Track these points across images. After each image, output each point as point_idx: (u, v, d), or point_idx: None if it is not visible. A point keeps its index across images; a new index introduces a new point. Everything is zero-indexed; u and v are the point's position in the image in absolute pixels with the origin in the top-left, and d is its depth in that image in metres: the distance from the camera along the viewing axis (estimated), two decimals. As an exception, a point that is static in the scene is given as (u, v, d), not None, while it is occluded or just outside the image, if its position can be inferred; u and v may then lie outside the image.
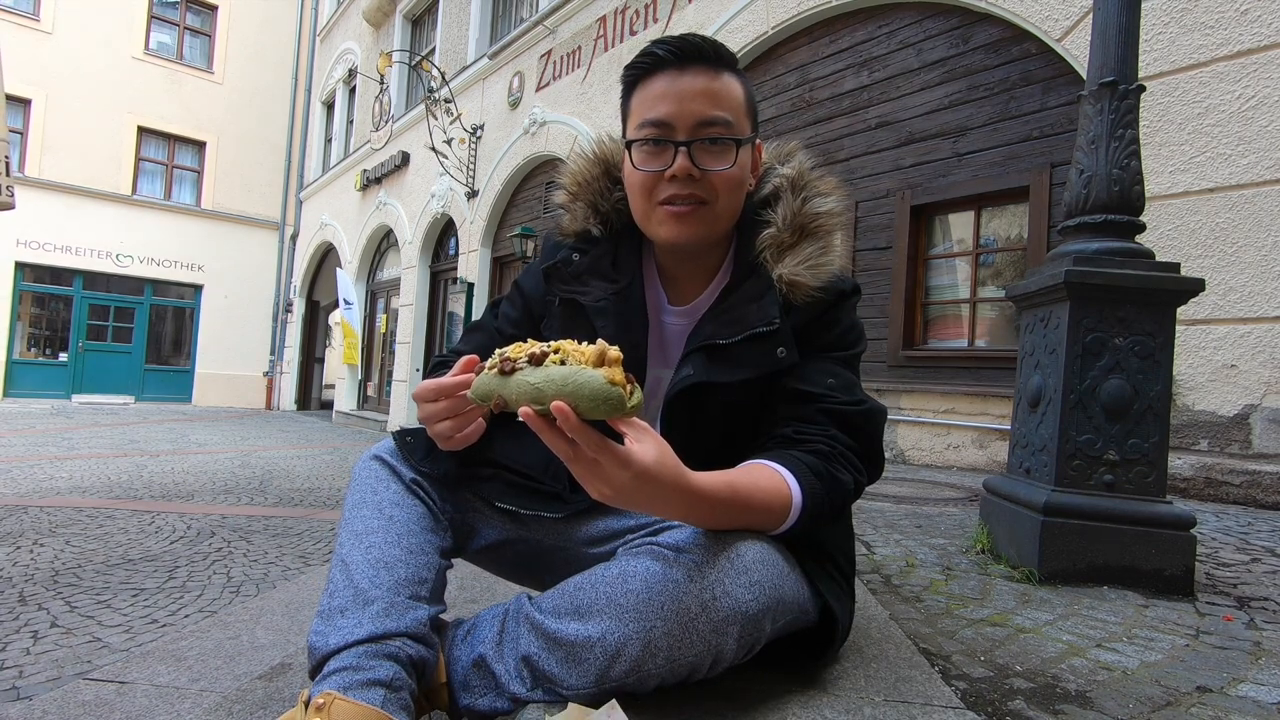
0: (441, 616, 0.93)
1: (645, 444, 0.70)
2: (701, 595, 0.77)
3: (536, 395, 0.68)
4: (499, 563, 1.06)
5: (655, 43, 0.92)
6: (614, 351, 0.69)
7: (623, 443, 0.70)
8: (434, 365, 1.05)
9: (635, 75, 0.95)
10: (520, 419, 0.70)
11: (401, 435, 0.98)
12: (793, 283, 0.94)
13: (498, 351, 0.74)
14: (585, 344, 0.70)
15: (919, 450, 4.31)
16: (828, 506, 0.86)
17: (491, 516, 1.00)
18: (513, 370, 0.71)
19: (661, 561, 0.80)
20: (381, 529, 0.88)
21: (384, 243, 12.15)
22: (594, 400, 0.66)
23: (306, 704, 0.74)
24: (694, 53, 0.91)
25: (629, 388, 0.68)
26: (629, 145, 0.94)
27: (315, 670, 0.79)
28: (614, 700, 0.74)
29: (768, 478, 0.83)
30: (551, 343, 0.71)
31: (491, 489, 0.98)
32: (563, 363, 0.69)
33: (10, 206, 3.71)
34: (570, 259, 1.02)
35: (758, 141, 1.00)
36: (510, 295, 1.12)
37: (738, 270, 1.00)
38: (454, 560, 1.01)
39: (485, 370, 0.74)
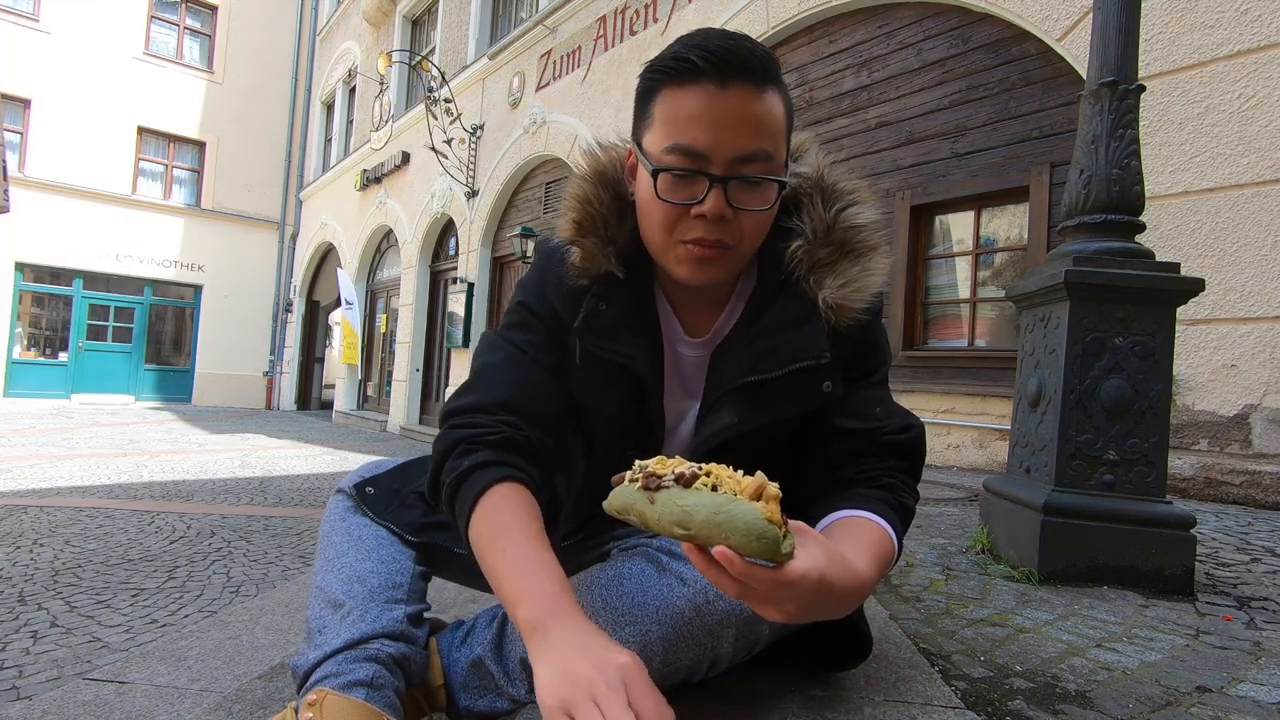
0: (440, 619, 0.93)
1: (809, 546, 0.64)
2: (695, 598, 0.77)
3: (684, 519, 0.63)
4: (480, 581, 1.04)
5: (691, 45, 0.76)
6: (773, 488, 0.63)
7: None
8: (464, 439, 0.82)
9: (661, 79, 0.78)
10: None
11: (361, 487, 0.95)
12: (838, 307, 0.84)
13: (639, 463, 0.69)
14: (740, 472, 0.66)
15: (919, 450, 4.30)
16: (903, 538, 0.85)
17: (455, 554, 0.96)
18: (658, 486, 0.65)
19: (655, 564, 0.80)
20: (351, 550, 0.88)
21: (384, 243, 12.14)
22: (746, 536, 0.60)
23: (296, 711, 0.75)
24: (738, 66, 0.74)
25: (784, 529, 0.62)
26: (656, 173, 0.78)
27: (299, 688, 0.79)
28: None
29: (879, 536, 0.78)
30: (703, 465, 0.66)
31: (455, 536, 0.92)
32: (714, 488, 0.64)
33: (4, 210, 3.72)
34: (598, 310, 0.87)
35: None
36: (521, 322, 0.93)
37: (763, 288, 0.89)
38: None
39: (626, 482, 0.69)
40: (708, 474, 0.65)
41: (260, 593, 2.28)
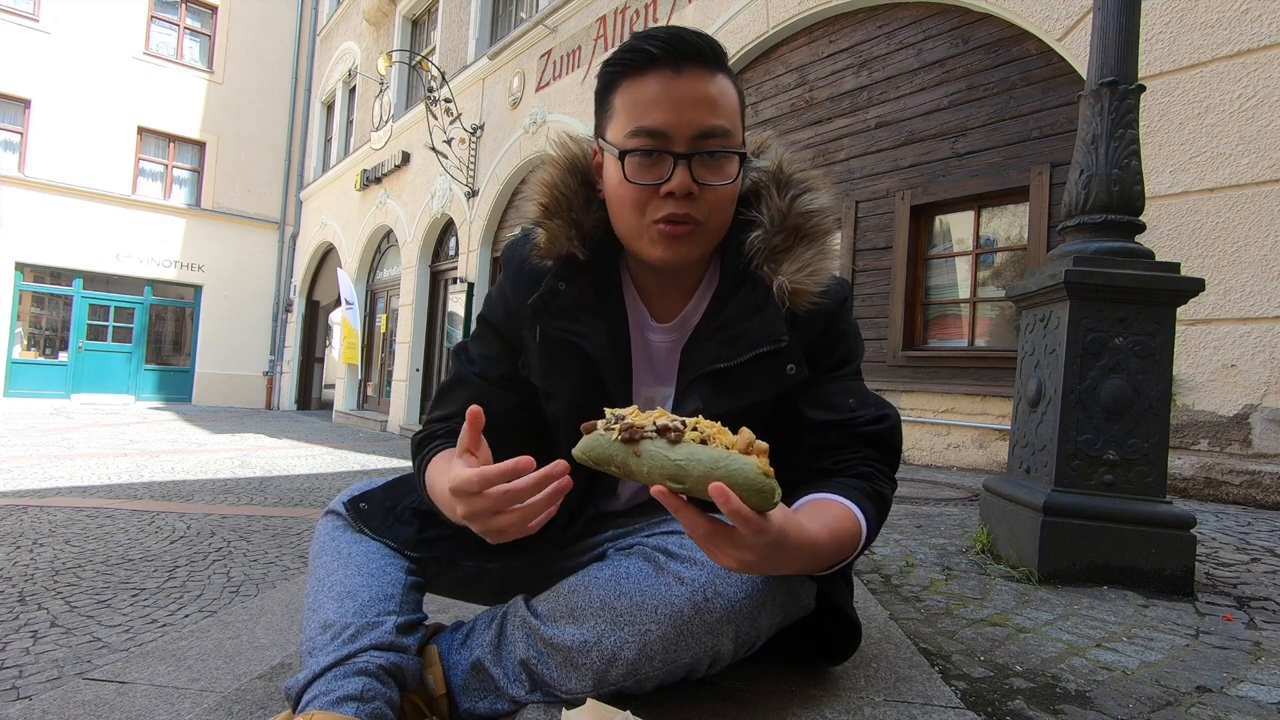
0: (440, 623, 0.93)
1: None
2: (694, 597, 0.77)
3: (678, 473, 0.63)
4: (475, 592, 1.05)
5: (644, 37, 0.82)
6: (761, 443, 0.65)
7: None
8: (423, 439, 0.95)
9: (619, 72, 0.84)
10: (649, 491, 0.66)
11: (355, 503, 0.95)
12: (795, 291, 0.87)
13: (611, 412, 0.68)
14: (718, 423, 0.67)
15: (919, 450, 4.30)
16: (879, 525, 0.86)
17: (457, 564, 0.97)
18: (640, 438, 0.65)
19: (652, 564, 0.80)
20: (341, 568, 0.88)
21: (384, 243, 12.14)
22: (747, 490, 0.62)
23: None
24: (690, 51, 0.81)
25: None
26: (622, 156, 0.82)
27: (294, 710, 0.79)
28: (628, 713, 0.74)
29: (842, 514, 0.80)
30: (687, 419, 0.66)
31: (454, 548, 0.94)
32: (703, 442, 0.64)
33: None
34: (557, 290, 0.90)
35: None
36: (478, 334, 1.01)
37: (726, 278, 0.91)
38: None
39: (599, 431, 0.67)
40: (694, 428, 0.65)
41: (260, 593, 2.28)
